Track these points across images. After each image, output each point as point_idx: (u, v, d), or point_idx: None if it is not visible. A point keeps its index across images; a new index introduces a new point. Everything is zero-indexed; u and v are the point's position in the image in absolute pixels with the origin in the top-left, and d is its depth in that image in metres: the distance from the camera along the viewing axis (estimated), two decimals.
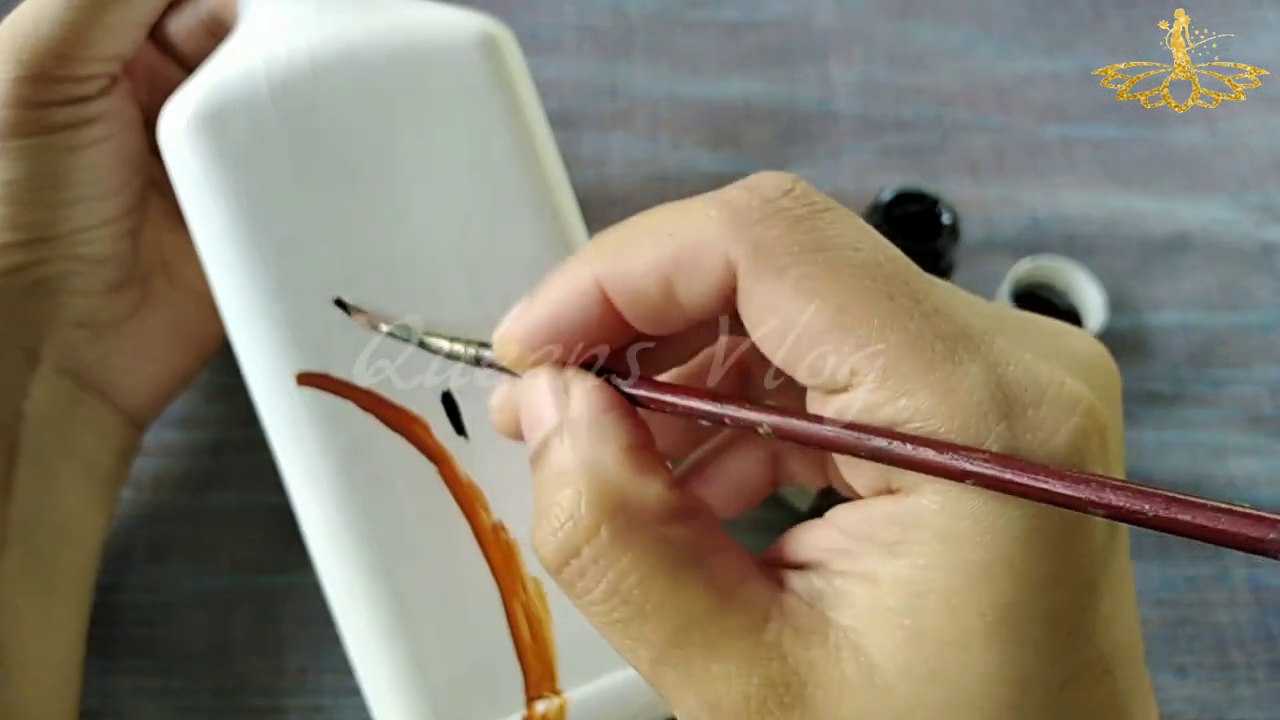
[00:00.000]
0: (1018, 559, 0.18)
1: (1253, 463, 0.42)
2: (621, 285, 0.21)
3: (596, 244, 0.22)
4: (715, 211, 0.20)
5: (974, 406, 0.18)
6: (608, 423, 0.22)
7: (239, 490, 0.40)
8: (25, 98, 0.30)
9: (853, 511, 0.20)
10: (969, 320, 0.19)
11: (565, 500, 0.21)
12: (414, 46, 0.29)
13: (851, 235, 0.20)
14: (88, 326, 0.33)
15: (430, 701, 0.28)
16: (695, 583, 0.20)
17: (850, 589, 0.20)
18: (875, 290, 0.19)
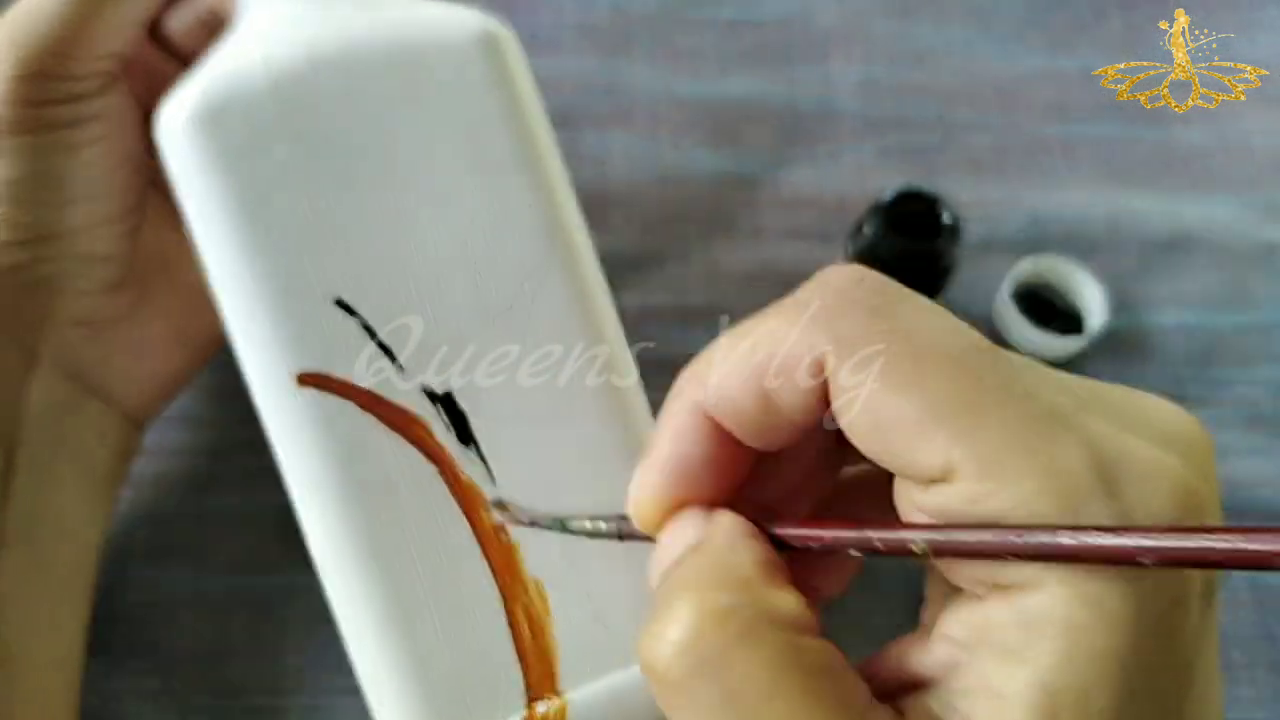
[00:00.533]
0: (1138, 644, 0.18)
1: (1254, 463, 0.42)
2: (723, 407, 0.21)
3: (686, 376, 0.22)
4: (791, 313, 0.20)
5: (1078, 489, 0.18)
6: (748, 542, 0.21)
7: (238, 491, 0.40)
8: (23, 95, 0.30)
9: (963, 617, 0.19)
10: (1057, 400, 0.19)
11: (689, 597, 0.19)
12: (414, 44, 0.29)
13: (933, 322, 0.20)
14: (86, 326, 0.33)
15: (430, 702, 0.28)
16: (826, 696, 0.18)
17: (975, 710, 0.19)
18: (964, 376, 0.19)
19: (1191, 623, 0.18)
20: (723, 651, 0.19)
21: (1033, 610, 0.18)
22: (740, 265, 0.46)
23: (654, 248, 0.46)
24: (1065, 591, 0.18)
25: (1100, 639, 0.18)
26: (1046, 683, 0.18)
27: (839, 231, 0.47)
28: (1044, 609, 0.18)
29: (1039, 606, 0.18)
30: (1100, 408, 0.19)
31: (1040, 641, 0.18)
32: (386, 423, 0.28)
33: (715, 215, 0.47)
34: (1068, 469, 0.18)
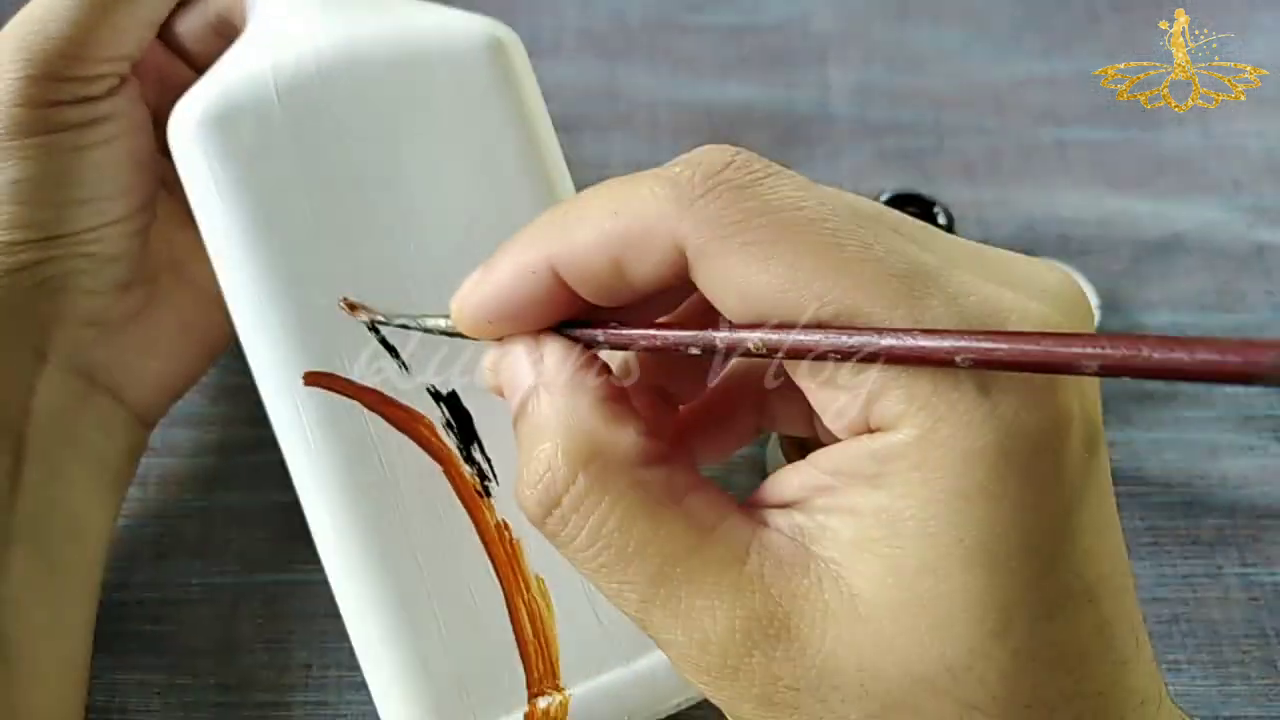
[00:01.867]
0: (992, 485, 0.18)
1: (1245, 461, 0.42)
2: (570, 264, 0.21)
3: (544, 222, 0.22)
4: (659, 189, 0.20)
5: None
6: (581, 379, 0.22)
7: (245, 489, 0.40)
8: (34, 97, 0.30)
9: (833, 451, 0.20)
10: (922, 257, 0.19)
11: (543, 453, 0.21)
12: (420, 50, 0.29)
13: (794, 195, 0.20)
14: (96, 325, 0.33)
15: (434, 697, 0.28)
16: (674, 521, 0.21)
17: (832, 523, 0.20)
18: (823, 243, 0.19)
19: (1069, 470, 0.19)
20: (576, 505, 0.21)
21: (886, 446, 0.19)
22: None
23: None
24: (917, 433, 0.19)
25: (946, 478, 0.18)
26: (895, 509, 0.19)
27: None
28: (898, 445, 0.19)
29: (894, 443, 0.19)
30: (973, 264, 0.20)
31: (892, 474, 0.19)
32: (391, 422, 0.29)
33: None
34: (929, 319, 0.19)
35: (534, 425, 0.22)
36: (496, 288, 0.23)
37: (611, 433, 0.21)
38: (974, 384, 0.18)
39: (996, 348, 0.17)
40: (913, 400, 0.19)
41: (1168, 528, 0.40)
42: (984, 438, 0.18)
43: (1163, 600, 0.39)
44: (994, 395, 0.18)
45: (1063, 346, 0.17)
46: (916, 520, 0.19)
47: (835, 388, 0.20)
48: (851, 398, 0.19)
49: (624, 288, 0.21)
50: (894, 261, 0.19)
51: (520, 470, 0.22)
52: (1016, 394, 0.18)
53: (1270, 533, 0.40)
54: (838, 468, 0.20)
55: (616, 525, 0.21)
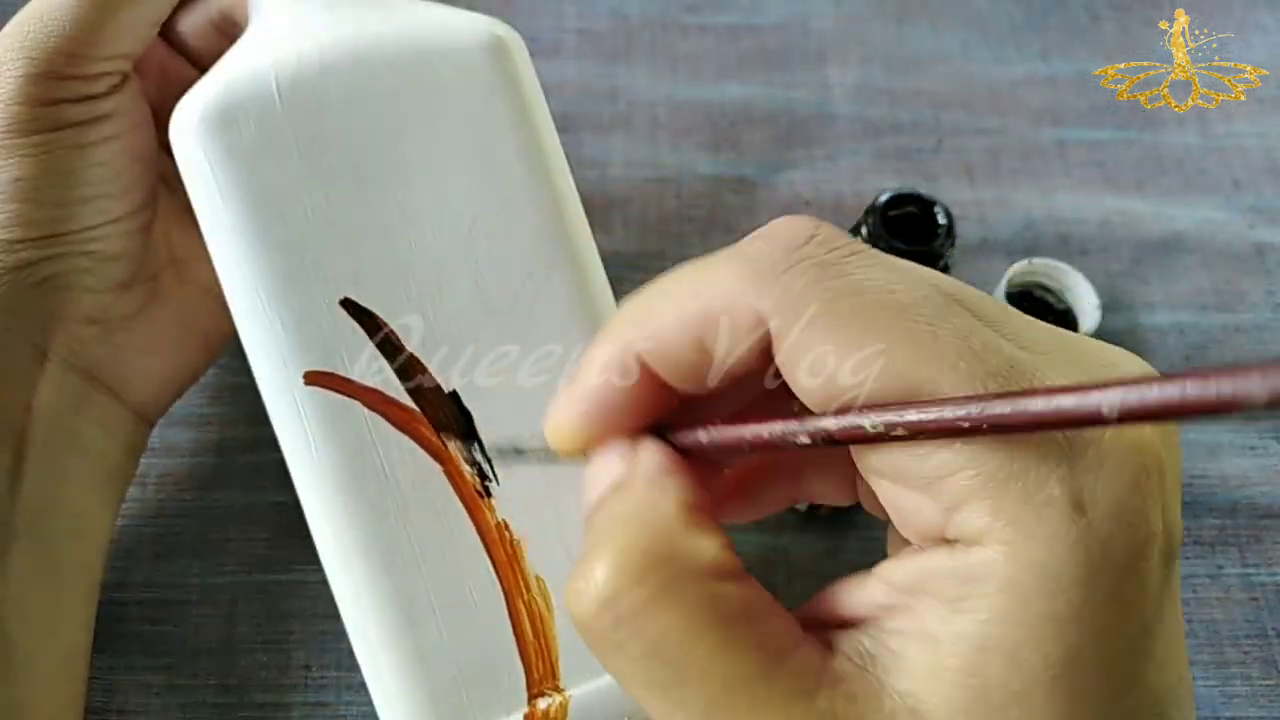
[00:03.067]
0: (1083, 608, 0.17)
1: (1246, 461, 0.42)
2: (655, 350, 0.20)
3: (623, 315, 0.21)
4: (737, 265, 0.19)
5: (1033, 450, 0.17)
6: (671, 481, 0.21)
7: (244, 488, 0.40)
8: (36, 95, 0.30)
9: (906, 564, 0.19)
10: (1017, 355, 0.18)
11: (609, 546, 0.19)
12: (422, 49, 0.29)
13: (884, 276, 0.19)
14: (97, 323, 0.33)
15: (434, 698, 0.28)
16: (746, 643, 0.19)
17: (907, 651, 0.19)
18: (917, 331, 0.18)
19: (1150, 587, 0.18)
20: (642, 608, 0.19)
21: (973, 566, 0.18)
22: None
23: (654, 249, 0.46)
24: (1006, 550, 0.17)
25: (1037, 602, 0.17)
26: (979, 636, 0.18)
27: None
28: (983, 565, 0.18)
29: (979, 562, 0.18)
30: (1064, 360, 0.19)
31: (977, 597, 0.18)
32: (392, 421, 0.28)
33: (714, 218, 0.47)
34: None
35: (608, 517, 0.20)
36: (586, 393, 0.21)
37: (692, 539, 0.20)
38: (1068, 499, 0.17)
39: (1145, 396, 0.15)
40: (998, 514, 0.17)
41: None
42: (1078, 559, 0.17)
43: None
44: (1087, 512, 0.17)
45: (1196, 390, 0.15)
46: (1006, 648, 0.17)
47: (913, 489, 0.19)
48: (930, 502, 0.18)
49: (712, 370, 0.20)
50: (990, 358, 0.18)
51: (579, 564, 0.20)
52: (1110, 511, 0.17)
53: (1271, 533, 0.40)
54: (913, 585, 0.19)
55: (680, 638, 0.19)
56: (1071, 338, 0.20)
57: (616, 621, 0.19)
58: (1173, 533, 0.19)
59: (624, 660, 0.19)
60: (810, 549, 0.40)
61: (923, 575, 0.19)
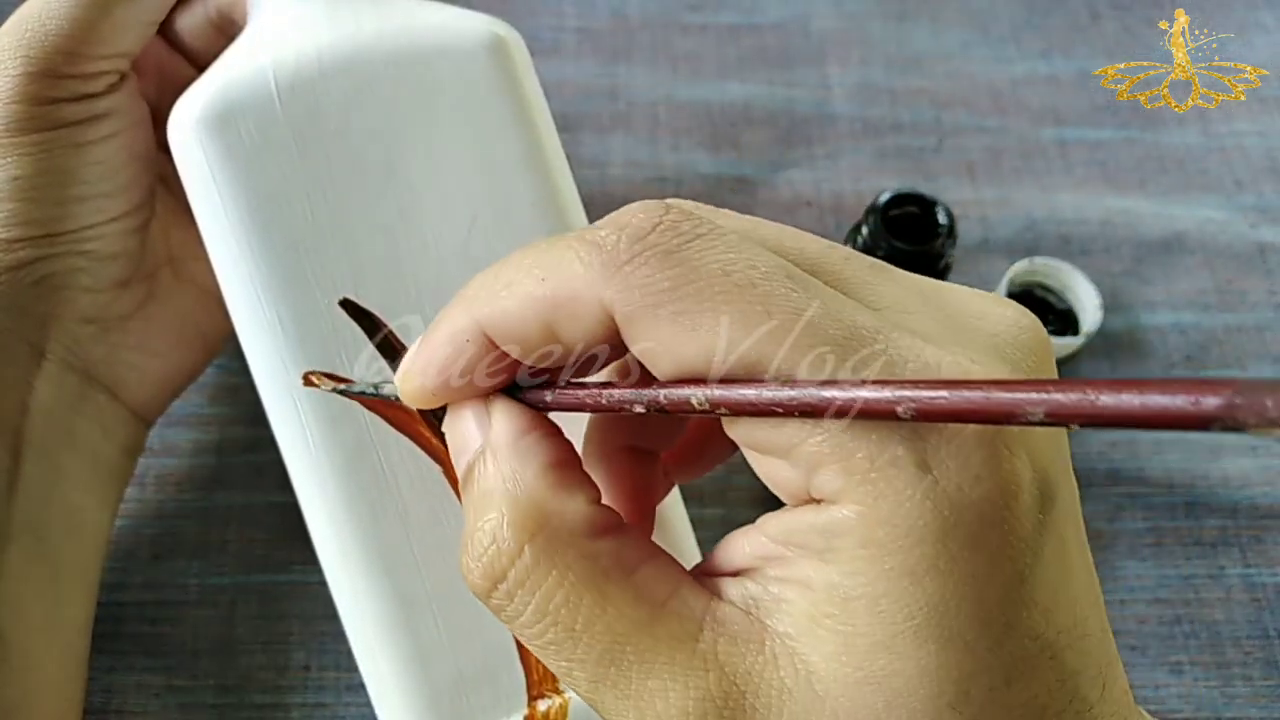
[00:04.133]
0: (940, 561, 0.18)
1: (1246, 462, 0.42)
2: (502, 330, 0.21)
3: (473, 288, 0.22)
4: (584, 254, 0.20)
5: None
6: (529, 443, 0.21)
7: (243, 489, 0.40)
8: (33, 94, 0.30)
9: (781, 519, 0.20)
10: (858, 319, 0.19)
11: (488, 523, 0.20)
12: (422, 48, 0.29)
13: (723, 258, 0.19)
14: (94, 322, 0.33)
15: (433, 699, 0.28)
16: (623, 596, 0.20)
17: (786, 595, 0.19)
18: (750, 310, 0.19)
19: (1020, 534, 0.18)
20: (522, 579, 0.20)
21: (830, 521, 0.18)
22: None
23: None
24: (859, 509, 0.18)
25: (891, 556, 0.18)
26: (845, 586, 0.18)
27: (836, 233, 0.47)
28: (842, 522, 0.18)
29: (838, 519, 0.18)
30: (919, 318, 0.20)
31: (839, 550, 0.18)
32: (390, 422, 0.28)
33: None
34: None
35: (480, 492, 0.21)
36: (432, 355, 0.22)
37: (559, 501, 0.20)
38: (912, 459, 0.18)
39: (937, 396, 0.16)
40: (850, 475, 0.18)
41: (1170, 528, 0.40)
42: (926, 514, 0.18)
43: (1165, 601, 0.39)
44: (934, 470, 0.18)
45: (1006, 393, 0.16)
46: (867, 598, 0.18)
47: (774, 456, 0.19)
48: (789, 467, 0.19)
49: (561, 350, 0.21)
50: (827, 326, 0.18)
51: (464, 540, 0.21)
52: (958, 466, 0.18)
53: (1272, 533, 0.40)
54: (788, 538, 0.20)
55: (563, 600, 0.20)
56: (943, 292, 0.21)
57: (507, 593, 0.20)
58: (1045, 477, 0.19)
59: (520, 626, 0.20)
60: None
61: (795, 529, 0.19)
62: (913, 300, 0.20)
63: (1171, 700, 0.37)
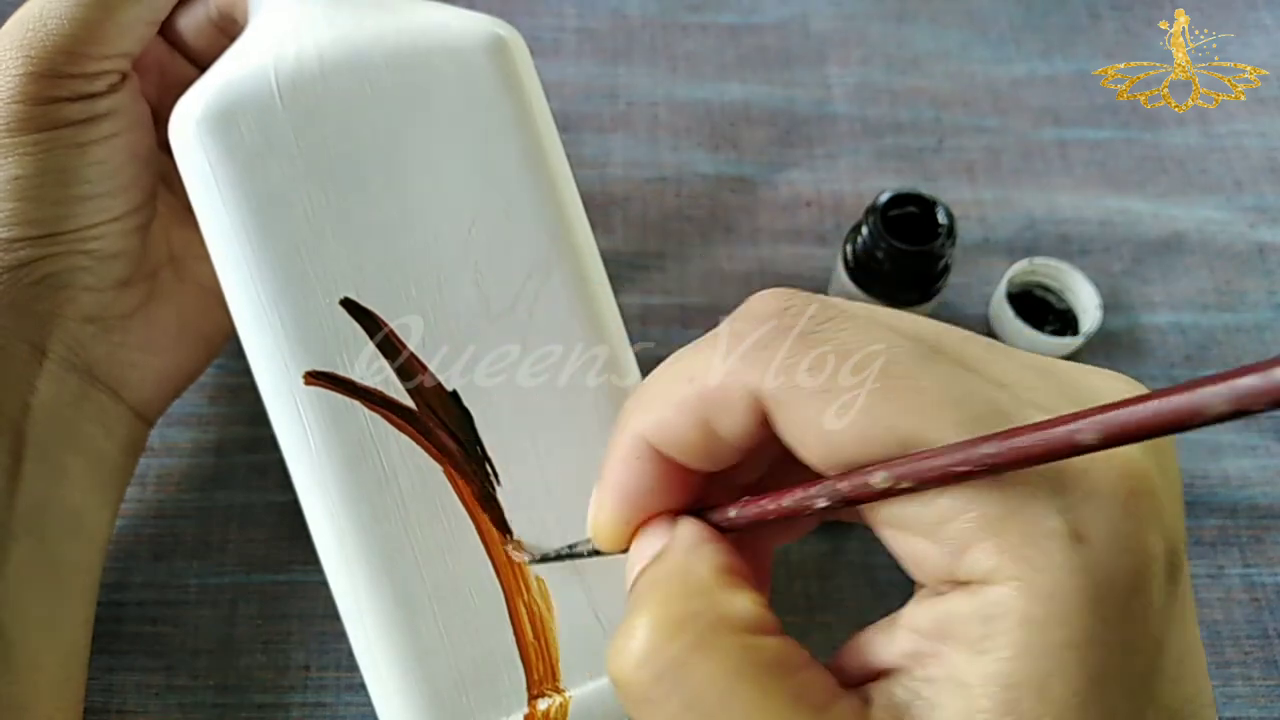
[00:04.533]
0: (1096, 632, 0.18)
1: (1247, 461, 0.42)
2: (664, 437, 0.21)
3: (629, 407, 0.22)
4: (724, 348, 0.20)
5: (1028, 487, 0.18)
6: (705, 548, 0.21)
7: (244, 489, 0.40)
8: (34, 94, 0.30)
9: (927, 610, 0.19)
10: (996, 396, 0.19)
11: (649, 606, 0.20)
12: (423, 48, 0.28)
13: (863, 336, 0.20)
14: (95, 322, 0.33)
15: (434, 698, 0.28)
16: (782, 695, 0.19)
17: (939, 698, 0.19)
18: (900, 388, 0.19)
19: (1156, 604, 0.18)
20: (680, 661, 0.19)
21: (990, 604, 0.18)
22: (739, 266, 0.46)
23: (654, 249, 0.46)
24: (1019, 586, 0.18)
25: (1056, 631, 0.18)
26: (1006, 674, 0.18)
27: (836, 233, 0.47)
28: (1000, 603, 0.18)
29: (995, 600, 0.18)
30: (1041, 395, 0.19)
31: (998, 635, 0.18)
32: (392, 422, 0.28)
33: (714, 217, 0.47)
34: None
35: (647, 582, 0.21)
36: (610, 484, 0.22)
37: (727, 595, 0.20)
38: (1066, 530, 0.18)
39: (1114, 420, 0.16)
40: (1003, 552, 0.18)
41: None
42: (1083, 585, 0.17)
43: None
44: (1086, 540, 0.18)
45: (1184, 394, 0.15)
46: (1032, 682, 0.18)
47: (920, 536, 0.19)
48: (936, 547, 0.19)
49: (722, 447, 0.21)
50: (974, 405, 0.19)
51: (621, 628, 0.20)
52: (1108, 535, 0.18)
53: (1272, 533, 0.40)
54: (937, 631, 0.19)
55: (719, 689, 0.19)
56: (1055, 367, 0.21)
57: (656, 677, 0.19)
58: (1175, 548, 0.19)
59: (663, 717, 0.19)
60: (811, 550, 0.40)
61: (945, 619, 0.19)
62: (1032, 377, 0.20)
63: None
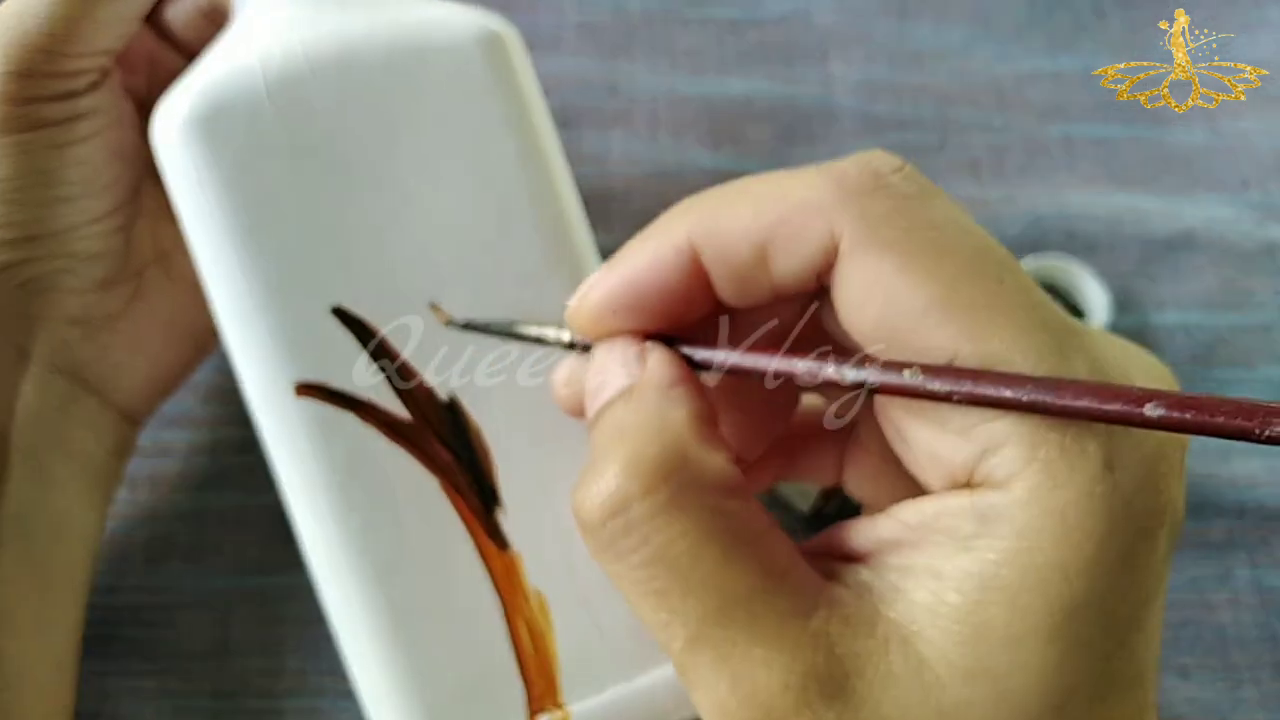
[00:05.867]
0: (1095, 563, 0.17)
1: (1255, 463, 0.41)
2: (716, 245, 0.20)
3: (694, 202, 0.21)
4: (825, 180, 0.19)
5: None
6: (681, 391, 0.20)
7: (237, 490, 0.39)
8: (12, 94, 0.29)
9: (924, 503, 0.19)
10: (1068, 321, 0.19)
11: (622, 454, 0.19)
12: (414, 45, 0.27)
13: (961, 220, 0.19)
14: (80, 324, 0.32)
15: (430, 715, 0.27)
16: (748, 559, 0.19)
17: (906, 584, 0.19)
18: (986, 273, 0.18)
19: (1158, 556, 0.18)
20: (650, 516, 0.19)
21: (992, 505, 0.18)
22: None
23: None
24: (1030, 494, 0.17)
25: (1050, 549, 0.17)
26: (986, 574, 0.18)
27: None
28: (1003, 507, 0.18)
29: (999, 503, 0.18)
30: (1101, 342, 0.20)
31: (990, 537, 0.18)
32: (386, 434, 0.27)
33: None
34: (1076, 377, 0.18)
35: (618, 425, 0.20)
36: (631, 270, 0.21)
37: (702, 452, 0.20)
38: (1101, 456, 0.17)
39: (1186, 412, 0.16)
40: (1033, 458, 0.17)
41: None
42: (1099, 513, 0.17)
43: (1171, 604, 0.38)
44: (1118, 471, 0.17)
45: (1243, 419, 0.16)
46: (1009, 590, 0.18)
47: (949, 432, 0.18)
48: (965, 443, 0.18)
49: (762, 281, 0.20)
50: (1047, 314, 0.18)
51: (589, 469, 0.20)
52: (1137, 474, 0.18)
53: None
54: (927, 522, 0.19)
55: (687, 548, 0.19)
56: (1095, 329, 0.21)
57: (626, 528, 0.19)
58: (1179, 512, 0.19)
59: (626, 567, 0.19)
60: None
61: (938, 513, 0.19)
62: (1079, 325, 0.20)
63: (1178, 705, 0.36)
